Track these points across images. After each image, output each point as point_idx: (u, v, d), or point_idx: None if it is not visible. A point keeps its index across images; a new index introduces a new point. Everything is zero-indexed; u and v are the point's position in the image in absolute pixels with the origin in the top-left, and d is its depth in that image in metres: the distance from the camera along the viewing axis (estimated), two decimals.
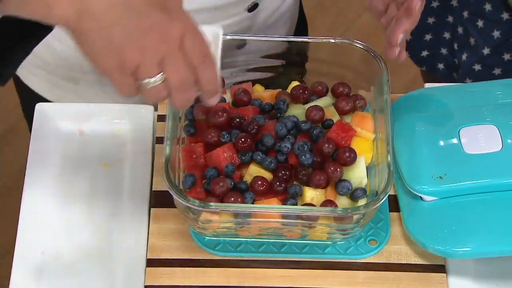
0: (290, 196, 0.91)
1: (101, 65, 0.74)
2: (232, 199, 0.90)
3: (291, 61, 1.02)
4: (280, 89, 1.01)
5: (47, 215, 0.99)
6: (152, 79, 0.74)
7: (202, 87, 0.78)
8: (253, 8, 1.09)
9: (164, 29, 0.73)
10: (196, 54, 0.75)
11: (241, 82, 1.02)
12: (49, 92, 1.20)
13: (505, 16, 1.23)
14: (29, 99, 1.22)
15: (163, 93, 0.76)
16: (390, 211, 0.99)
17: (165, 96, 0.77)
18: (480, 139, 0.96)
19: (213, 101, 0.81)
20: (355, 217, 0.89)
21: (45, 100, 1.19)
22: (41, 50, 1.09)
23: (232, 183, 0.91)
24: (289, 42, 1.00)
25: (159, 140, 1.04)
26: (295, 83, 1.02)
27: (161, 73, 0.74)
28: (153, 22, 0.72)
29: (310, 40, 1.01)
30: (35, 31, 0.81)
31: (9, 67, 0.83)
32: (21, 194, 1.00)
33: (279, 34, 1.19)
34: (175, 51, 0.74)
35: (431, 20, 1.35)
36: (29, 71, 1.19)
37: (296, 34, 1.25)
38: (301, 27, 1.27)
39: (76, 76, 1.14)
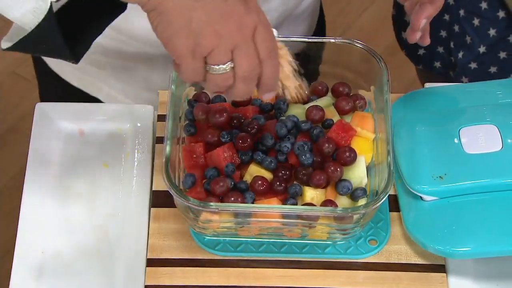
0: (290, 196, 0.91)
1: (175, 46, 0.75)
2: (232, 199, 0.90)
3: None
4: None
5: (47, 215, 0.99)
6: (222, 66, 0.76)
7: (263, 81, 0.79)
8: None
9: (241, 18, 0.74)
10: (265, 47, 0.77)
11: None
12: (74, 78, 1.20)
13: (501, 14, 1.23)
14: (52, 84, 1.23)
15: (229, 82, 0.77)
16: (390, 211, 0.99)
17: (229, 85, 0.78)
18: (480, 139, 0.96)
19: (268, 97, 0.82)
20: (355, 217, 0.89)
21: (68, 85, 1.19)
22: None
23: (232, 183, 0.91)
24: (292, 42, 1.00)
25: (159, 140, 1.04)
26: None
27: (231, 61, 0.76)
28: (232, 10, 0.74)
29: (310, 40, 1.01)
30: (110, 10, 0.82)
31: (83, 45, 0.83)
32: (21, 194, 1.00)
33: (299, 32, 1.19)
34: (248, 41, 0.75)
35: None
36: None
37: (315, 33, 1.25)
38: (320, 27, 1.28)
39: (101, 60, 1.14)
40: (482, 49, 1.26)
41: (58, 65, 1.20)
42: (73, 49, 0.81)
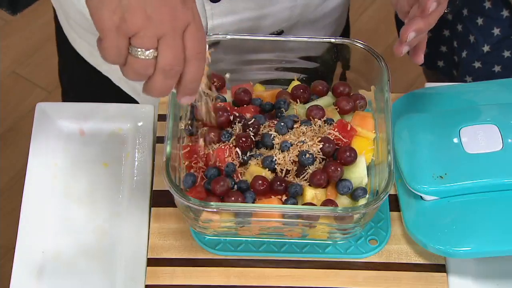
0: (290, 196, 0.91)
1: (100, 17, 0.72)
2: (233, 198, 0.89)
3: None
4: (281, 89, 1.01)
5: (48, 215, 0.99)
6: (145, 51, 0.74)
7: (184, 81, 0.77)
8: None
9: (176, 9, 0.73)
10: (193, 46, 0.75)
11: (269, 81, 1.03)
12: (93, 57, 1.19)
13: (505, 13, 1.23)
14: (72, 61, 1.22)
15: (148, 70, 0.75)
16: (390, 211, 0.99)
17: (148, 74, 0.76)
18: (481, 139, 0.96)
19: (185, 101, 0.80)
20: (355, 216, 0.89)
21: (87, 64, 1.19)
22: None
23: (233, 183, 0.91)
24: (293, 42, 1.01)
25: (159, 140, 1.04)
26: (295, 83, 1.02)
27: (155, 50, 0.74)
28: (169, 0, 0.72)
29: (310, 40, 1.01)
30: None
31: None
32: (22, 194, 1.00)
33: (322, 34, 1.18)
34: (177, 34, 0.74)
35: None
36: (78, 34, 1.19)
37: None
38: (344, 34, 1.27)
39: None
40: (486, 48, 1.26)
41: (77, 43, 1.20)
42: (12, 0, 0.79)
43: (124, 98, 1.20)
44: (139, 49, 0.74)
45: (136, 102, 1.19)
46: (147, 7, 0.72)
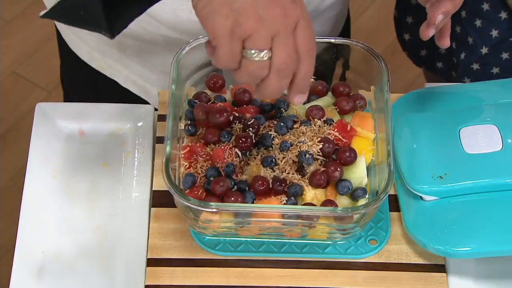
0: (290, 196, 0.91)
1: (214, 24, 0.73)
2: (232, 198, 0.89)
3: None
4: None
5: (47, 215, 0.99)
6: (260, 53, 0.74)
7: (297, 80, 0.77)
8: None
9: (286, 8, 0.73)
10: (305, 44, 0.75)
11: None
12: (95, 60, 1.19)
13: (503, 15, 1.23)
14: (73, 66, 1.22)
15: (263, 72, 0.75)
16: (390, 211, 0.99)
17: (263, 75, 0.75)
18: (481, 139, 0.96)
19: (299, 100, 0.80)
20: (355, 216, 0.89)
21: (89, 68, 1.19)
22: None
23: (233, 183, 0.91)
24: None
25: (159, 140, 1.04)
26: None
27: (269, 50, 0.74)
28: None
29: None
30: None
31: (121, 19, 0.80)
32: (22, 194, 1.00)
33: (321, 32, 1.18)
34: (289, 32, 0.74)
35: None
36: (79, 37, 1.19)
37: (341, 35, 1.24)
38: (345, 32, 1.27)
39: (123, 42, 1.14)
40: (484, 50, 1.26)
41: (78, 46, 1.20)
42: (110, 22, 0.78)
43: (129, 99, 1.20)
44: (254, 51, 0.74)
45: (145, 102, 1.18)
46: (259, 8, 0.72)
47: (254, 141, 0.94)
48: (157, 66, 1.15)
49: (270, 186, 0.91)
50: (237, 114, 0.96)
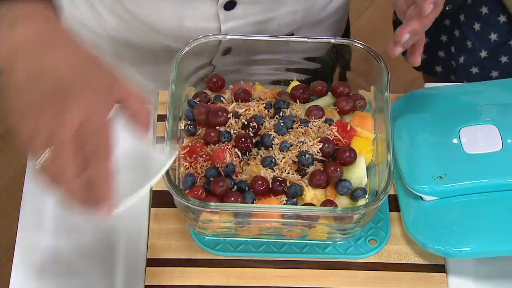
0: (290, 196, 0.91)
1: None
2: (232, 199, 0.89)
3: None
4: (281, 89, 1.01)
5: (47, 215, 0.99)
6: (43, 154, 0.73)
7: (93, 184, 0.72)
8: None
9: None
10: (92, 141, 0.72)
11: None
12: None
13: (502, 19, 1.23)
14: None
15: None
16: (390, 211, 0.99)
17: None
18: (480, 139, 0.96)
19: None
20: (355, 217, 0.89)
21: None
22: (92, 22, 1.10)
23: (232, 183, 0.91)
24: (292, 42, 1.01)
25: (159, 140, 1.04)
26: (295, 83, 1.02)
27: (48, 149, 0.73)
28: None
29: (310, 40, 1.01)
30: None
31: None
32: (21, 194, 1.00)
33: (325, 35, 1.18)
34: (67, 133, 0.72)
35: None
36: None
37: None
38: (345, 34, 1.27)
39: (122, 52, 1.14)
40: (483, 53, 1.26)
41: None
42: None
43: None
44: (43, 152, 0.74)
45: None
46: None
47: (254, 141, 0.94)
48: (157, 76, 1.15)
49: (270, 186, 0.91)
50: (237, 114, 0.96)
